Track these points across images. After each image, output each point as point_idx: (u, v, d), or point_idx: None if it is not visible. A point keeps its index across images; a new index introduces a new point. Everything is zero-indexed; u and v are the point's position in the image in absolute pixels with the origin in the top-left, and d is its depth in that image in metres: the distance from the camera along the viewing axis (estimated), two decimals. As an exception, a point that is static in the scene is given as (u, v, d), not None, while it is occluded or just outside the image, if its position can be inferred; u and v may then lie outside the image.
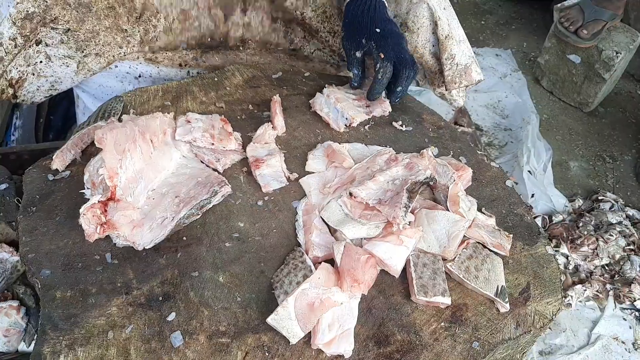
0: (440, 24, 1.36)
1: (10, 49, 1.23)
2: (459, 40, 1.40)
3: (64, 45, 1.28)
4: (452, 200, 1.04)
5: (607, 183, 2.31)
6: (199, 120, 1.11)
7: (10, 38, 1.21)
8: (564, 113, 2.62)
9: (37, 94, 1.34)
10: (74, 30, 1.26)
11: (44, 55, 1.28)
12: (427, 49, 1.41)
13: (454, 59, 1.39)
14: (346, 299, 0.89)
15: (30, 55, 1.26)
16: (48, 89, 1.34)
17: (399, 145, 1.19)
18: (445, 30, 1.36)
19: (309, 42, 1.49)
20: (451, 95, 1.48)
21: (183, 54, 1.42)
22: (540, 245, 1.07)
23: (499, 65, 2.80)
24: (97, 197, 0.94)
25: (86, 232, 0.93)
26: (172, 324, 0.86)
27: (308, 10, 1.41)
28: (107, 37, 1.31)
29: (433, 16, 1.35)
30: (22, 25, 1.20)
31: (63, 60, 1.30)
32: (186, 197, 1.00)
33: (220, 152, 1.08)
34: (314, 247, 0.96)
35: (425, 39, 1.40)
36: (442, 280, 0.94)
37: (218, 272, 0.93)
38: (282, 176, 1.07)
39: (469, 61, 1.42)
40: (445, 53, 1.38)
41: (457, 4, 3.24)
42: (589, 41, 2.40)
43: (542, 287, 1.00)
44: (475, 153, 1.23)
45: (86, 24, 1.27)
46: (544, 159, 2.24)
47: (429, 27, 1.38)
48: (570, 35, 2.43)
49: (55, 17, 1.23)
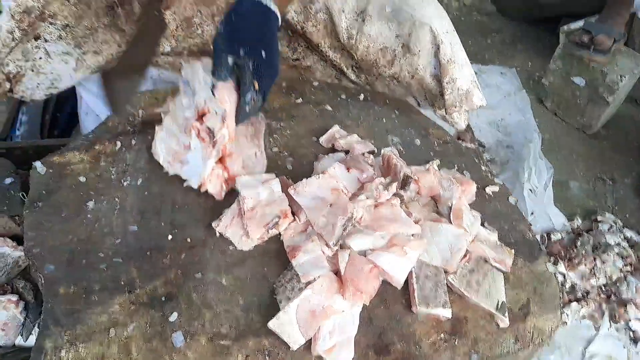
0: (442, 48, 1.34)
1: (7, 42, 1.23)
2: (462, 65, 1.38)
3: (62, 41, 1.28)
4: (455, 214, 1.05)
5: (607, 204, 2.32)
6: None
7: (8, 31, 1.22)
8: (566, 134, 2.64)
9: (37, 91, 1.35)
10: (72, 26, 1.27)
11: (44, 51, 1.29)
12: (428, 71, 1.40)
13: (455, 83, 1.37)
14: (348, 307, 0.89)
15: (29, 50, 1.27)
16: (48, 86, 1.35)
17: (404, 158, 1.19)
18: (448, 54, 1.35)
19: (312, 53, 1.50)
20: (452, 118, 1.47)
21: (184, 59, 1.43)
22: (541, 263, 1.08)
23: (504, 84, 2.82)
24: (213, 159, 1.02)
25: (214, 193, 1.03)
26: (174, 324, 0.86)
27: (309, 25, 1.41)
28: (105, 35, 1.31)
29: (436, 39, 1.34)
30: (20, 19, 1.21)
31: (62, 57, 1.31)
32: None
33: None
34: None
35: (426, 61, 1.38)
36: (444, 293, 0.94)
37: (221, 274, 0.94)
38: (324, 261, 0.94)
39: (471, 86, 1.40)
40: (447, 77, 1.36)
41: (464, 22, 3.27)
42: (604, 55, 2.42)
43: (541, 303, 1.01)
44: (479, 169, 1.24)
45: (84, 20, 1.27)
46: (544, 178, 2.25)
47: (431, 50, 1.36)
48: (583, 51, 2.45)
49: (54, 13, 1.23)
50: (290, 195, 1.02)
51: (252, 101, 1.00)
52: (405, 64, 1.40)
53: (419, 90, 1.46)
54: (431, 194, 1.11)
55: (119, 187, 1.04)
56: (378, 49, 1.39)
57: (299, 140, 1.21)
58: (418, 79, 1.41)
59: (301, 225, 1.01)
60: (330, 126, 1.24)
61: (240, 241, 0.98)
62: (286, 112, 1.27)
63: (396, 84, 1.47)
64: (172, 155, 1.07)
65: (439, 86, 1.41)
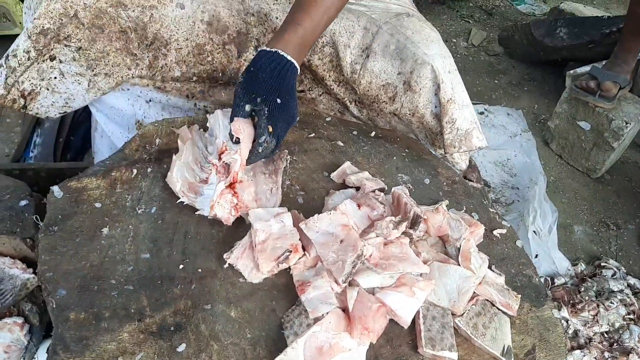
0: (443, 87, 1.37)
1: (23, 60, 1.29)
2: (462, 105, 1.40)
3: (76, 62, 1.33)
4: (464, 255, 1.06)
5: (610, 250, 2.33)
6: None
7: (25, 50, 1.28)
8: (571, 177, 2.66)
9: (52, 109, 1.40)
10: (85, 48, 1.31)
11: (58, 72, 1.33)
12: (428, 109, 1.42)
13: (454, 124, 1.39)
14: (355, 345, 0.89)
15: (44, 70, 1.32)
16: (62, 105, 1.40)
17: (413, 197, 1.21)
18: (448, 94, 1.37)
19: (317, 85, 1.52)
20: (453, 158, 1.49)
21: (191, 86, 1.46)
22: (547, 308, 1.08)
23: (510, 125, 2.85)
24: (223, 183, 1.06)
25: (222, 218, 1.05)
26: (182, 355, 0.86)
27: (315, 58, 1.44)
28: (116, 58, 1.36)
29: (437, 79, 1.37)
30: (36, 40, 1.26)
31: (75, 78, 1.36)
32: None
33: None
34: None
35: (427, 100, 1.41)
36: (450, 335, 0.95)
37: (230, 306, 0.94)
38: (332, 297, 0.94)
39: (471, 127, 1.42)
40: (446, 117, 1.39)
41: (472, 62, 3.33)
42: (610, 101, 2.45)
43: (547, 350, 1.01)
44: (487, 210, 1.25)
45: (97, 43, 1.32)
46: (549, 221, 2.26)
47: (432, 89, 1.39)
48: (589, 96, 2.48)
49: (68, 35, 1.28)
50: (301, 229, 1.03)
51: (265, 143, 1.07)
52: (407, 101, 1.42)
53: (419, 128, 1.48)
54: (439, 234, 1.12)
55: (134, 215, 1.06)
56: (380, 85, 1.42)
57: (311, 175, 1.23)
58: (418, 116, 1.43)
59: (311, 260, 1.02)
60: (342, 162, 1.26)
61: (251, 274, 0.99)
62: (299, 146, 1.30)
63: (397, 120, 1.49)
64: (187, 185, 1.09)
65: (439, 125, 1.43)
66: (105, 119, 1.56)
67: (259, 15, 1.39)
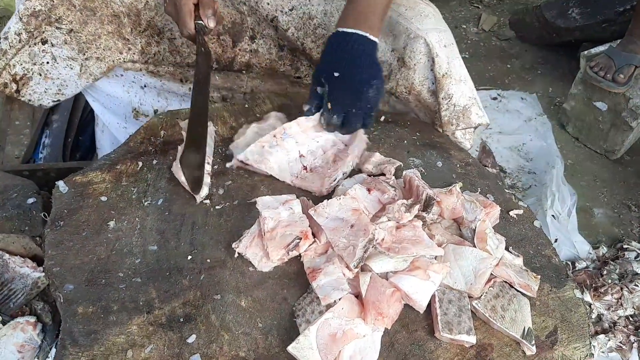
0: (437, 61, 1.31)
1: (14, 43, 1.29)
2: (459, 80, 1.34)
3: (67, 46, 1.32)
4: (479, 237, 1.03)
5: (633, 232, 2.27)
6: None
7: (16, 33, 1.28)
8: (589, 159, 2.60)
9: (45, 97, 1.39)
10: (76, 31, 1.31)
11: (50, 56, 1.33)
12: (425, 86, 1.37)
13: (451, 99, 1.34)
14: (369, 331, 0.87)
15: (36, 54, 1.31)
16: (55, 92, 1.39)
17: (426, 180, 1.17)
18: (444, 68, 1.32)
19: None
20: (456, 138, 1.42)
21: (184, 70, 1.44)
22: (568, 289, 1.04)
23: (524, 109, 2.80)
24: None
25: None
26: (192, 346, 0.85)
27: (308, 41, 1.41)
28: (108, 42, 1.35)
29: (430, 53, 1.31)
30: (27, 22, 1.26)
31: (67, 62, 1.35)
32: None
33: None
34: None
35: (423, 76, 1.36)
36: (468, 318, 0.92)
37: (240, 296, 0.92)
38: (344, 283, 0.91)
39: (469, 103, 1.36)
40: (442, 92, 1.33)
41: (484, 47, 3.27)
42: (624, 86, 2.40)
43: (569, 331, 0.97)
44: (502, 191, 1.22)
45: (89, 26, 1.31)
46: (568, 204, 2.21)
47: (427, 64, 1.34)
48: (603, 81, 2.43)
49: (60, 17, 1.28)
50: (310, 216, 1.01)
51: (322, 119, 1.15)
52: (402, 79, 1.38)
53: (418, 107, 1.43)
54: (454, 216, 1.09)
55: (140, 207, 1.04)
56: None
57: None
58: (415, 94, 1.39)
59: (321, 246, 0.99)
60: (351, 148, 1.23)
61: (260, 262, 0.97)
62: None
63: (395, 100, 1.45)
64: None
65: (437, 103, 1.38)
66: (101, 108, 1.56)
67: (249, 3, 1.38)
